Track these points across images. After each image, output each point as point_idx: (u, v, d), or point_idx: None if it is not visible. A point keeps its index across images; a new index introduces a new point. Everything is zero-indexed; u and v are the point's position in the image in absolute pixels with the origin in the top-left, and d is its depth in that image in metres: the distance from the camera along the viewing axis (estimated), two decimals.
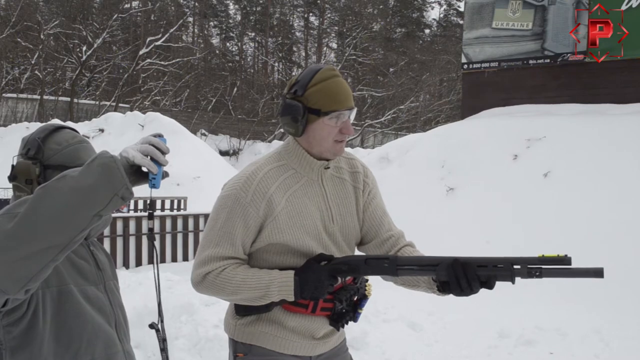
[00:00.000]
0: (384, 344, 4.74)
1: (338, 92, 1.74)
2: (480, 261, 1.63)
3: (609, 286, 5.69)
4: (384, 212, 1.97)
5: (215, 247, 1.73)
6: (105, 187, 1.23)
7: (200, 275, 1.73)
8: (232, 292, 1.71)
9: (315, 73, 1.75)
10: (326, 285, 1.71)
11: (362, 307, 1.86)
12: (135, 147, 1.31)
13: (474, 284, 1.61)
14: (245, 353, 1.84)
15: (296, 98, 1.74)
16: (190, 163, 14.22)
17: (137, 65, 26.89)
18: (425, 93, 32.44)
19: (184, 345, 4.44)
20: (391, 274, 1.72)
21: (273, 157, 1.83)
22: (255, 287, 1.70)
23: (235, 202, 1.72)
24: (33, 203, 1.24)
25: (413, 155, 9.83)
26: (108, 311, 1.61)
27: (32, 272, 1.24)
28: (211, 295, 1.76)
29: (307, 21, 35.68)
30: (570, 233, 6.49)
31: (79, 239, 1.27)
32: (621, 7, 9.99)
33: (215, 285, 1.72)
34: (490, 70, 11.67)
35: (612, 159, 7.62)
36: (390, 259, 1.72)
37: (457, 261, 1.62)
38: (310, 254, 1.76)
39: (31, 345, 1.45)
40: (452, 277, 1.62)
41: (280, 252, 1.77)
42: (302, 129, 1.74)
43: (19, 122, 20.43)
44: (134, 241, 8.58)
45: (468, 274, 1.61)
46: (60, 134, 1.64)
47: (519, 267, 1.60)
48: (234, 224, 1.72)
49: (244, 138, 27.51)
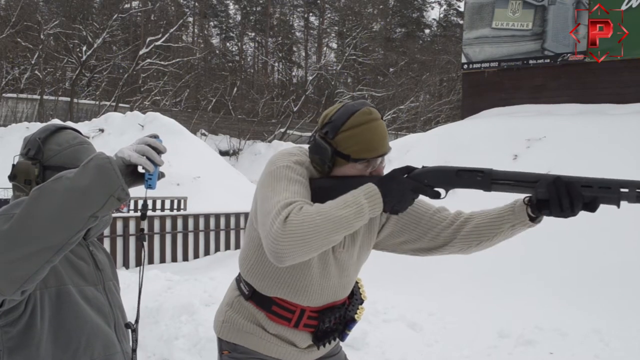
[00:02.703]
0: (384, 344, 4.74)
1: (371, 140, 1.64)
2: (585, 181, 1.52)
3: (609, 286, 5.69)
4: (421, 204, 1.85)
5: (278, 196, 1.55)
6: (100, 188, 1.23)
7: (279, 225, 1.46)
8: (325, 220, 1.47)
9: (349, 116, 1.65)
10: (409, 199, 1.60)
11: (350, 329, 1.82)
12: (132, 147, 1.31)
13: (577, 203, 1.51)
14: (230, 350, 1.84)
15: (326, 139, 1.66)
16: (190, 163, 14.22)
17: (137, 65, 26.89)
18: (425, 93, 32.46)
19: (184, 345, 4.43)
20: (484, 188, 1.61)
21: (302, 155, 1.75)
22: (344, 205, 1.51)
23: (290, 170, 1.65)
24: (29, 204, 1.24)
25: (413, 155, 9.82)
26: (107, 312, 1.60)
27: (29, 273, 1.24)
28: (301, 242, 1.46)
29: (307, 21, 35.69)
30: (570, 233, 6.49)
31: (75, 239, 1.26)
32: (621, 7, 9.99)
33: (302, 224, 1.46)
34: (490, 70, 11.67)
35: (612, 159, 7.61)
36: (485, 172, 1.61)
37: (559, 179, 1.52)
38: (309, 265, 1.73)
39: (29, 346, 1.45)
40: (553, 194, 1.52)
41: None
42: (329, 170, 1.68)
43: (19, 122, 20.43)
44: (134, 241, 8.58)
45: (572, 192, 1.51)
46: (61, 134, 1.63)
47: (626, 191, 1.49)
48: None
49: (244, 138, 27.50)
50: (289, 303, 1.77)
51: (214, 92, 29.43)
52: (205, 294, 5.23)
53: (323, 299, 1.78)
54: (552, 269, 6.16)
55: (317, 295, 1.77)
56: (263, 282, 1.78)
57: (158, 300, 5.19)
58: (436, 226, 1.79)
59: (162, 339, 4.56)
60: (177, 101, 29.95)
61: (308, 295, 1.76)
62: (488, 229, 1.72)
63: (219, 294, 5.23)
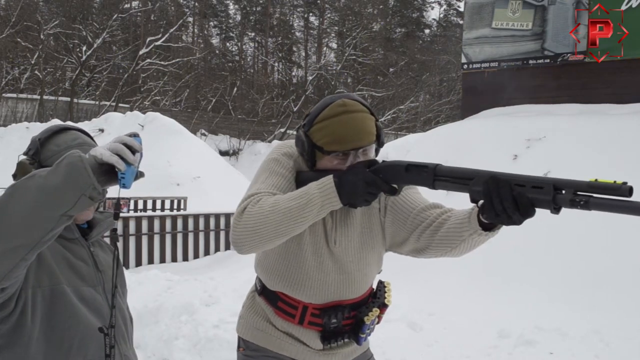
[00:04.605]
0: (384, 344, 4.73)
1: (341, 132, 1.62)
2: (519, 179, 1.32)
3: (609, 286, 5.69)
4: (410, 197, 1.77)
5: (252, 188, 1.67)
6: (71, 187, 1.22)
7: (237, 216, 1.57)
8: (274, 211, 1.52)
9: (323, 108, 1.67)
10: (362, 192, 1.54)
11: (363, 332, 1.78)
12: (106, 145, 1.29)
13: (507, 205, 1.31)
14: (244, 348, 1.86)
15: (304, 131, 1.69)
16: (190, 163, 14.23)
17: (137, 65, 26.88)
18: (425, 93, 32.44)
19: (184, 345, 4.43)
20: (428, 185, 1.51)
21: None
22: (296, 197, 1.54)
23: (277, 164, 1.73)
24: (2, 201, 1.23)
25: (413, 155, 9.81)
26: (105, 313, 1.59)
27: (4, 271, 1.25)
28: (252, 232, 1.53)
29: (307, 21, 35.66)
30: (570, 233, 6.48)
31: (49, 238, 1.26)
32: (621, 7, 9.98)
33: (254, 215, 1.53)
34: (490, 70, 11.67)
35: (612, 159, 7.61)
36: (429, 168, 1.51)
37: (493, 177, 1.34)
38: (303, 258, 1.74)
39: (18, 345, 1.44)
40: (486, 195, 1.35)
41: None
42: (310, 163, 1.70)
43: (19, 122, 20.41)
44: (134, 241, 8.58)
45: (502, 192, 1.31)
46: (63, 135, 1.62)
47: (562, 193, 1.27)
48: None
49: (244, 138, 27.50)
50: (291, 298, 1.78)
51: (213, 92, 29.42)
52: (205, 294, 5.23)
53: (325, 296, 1.77)
54: (552, 269, 6.16)
55: (317, 291, 1.76)
56: (268, 276, 1.81)
57: (158, 300, 5.19)
58: (418, 226, 1.71)
59: (162, 339, 4.56)
60: (177, 101, 29.93)
61: (307, 290, 1.76)
62: (454, 236, 1.61)
63: (219, 294, 5.23)
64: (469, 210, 1.58)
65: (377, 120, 1.70)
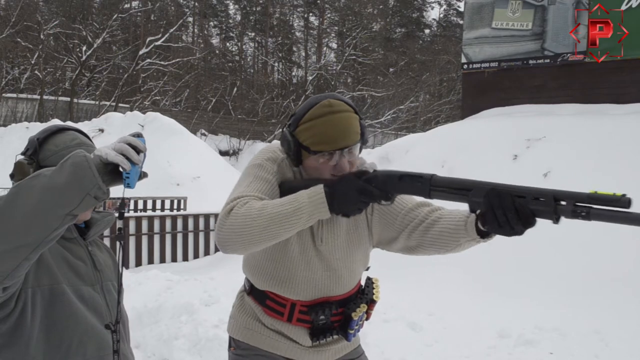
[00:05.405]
0: (384, 344, 4.73)
1: (327, 133, 1.64)
2: (519, 190, 1.37)
3: (609, 286, 5.69)
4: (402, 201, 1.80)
5: (236, 191, 1.67)
6: (76, 186, 1.21)
7: (223, 216, 1.57)
8: (261, 215, 1.52)
9: (309, 108, 1.68)
10: (355, 201, 1.56)
11: (352, 328, 1.79)
12: (111, 145, 1.29)
13: (511, 217, 1.35)
14: (235, 347, 1.88)
15: (290, 131, 1.69)
16: (190, 163, 14.24)
17: (137, 65, 26.89)
18: (425, 93, 32.43)
19: (184, 345, 4.43)
20: (424, 195, 1.54)
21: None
22: (283, 203, 1.55)
23: (261, 169, 1.73)
24: (7, 201, 1.23)
25: (413, 155, 9.82)
26: (104, 312, 1.60)
27: (7, 270, 1.25)
28: (238, 234, 1.54)
29: (307, 21, 35.66)
30: (569, 233, 6.48)
31: (53, 238, 1.26)
32: (621, 7, 9.99)
33: (240, 217, 1.53)
34: (490, 70, 11.67)
35: (612, 159, 7.61)
36: (425, 178, 1.53)
37: (494, 189, 1.38)
38: (290, 257, 1.75)
39: (18, 344, 1.45)
40: (488, 207, 1.38)
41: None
42: (296, 162, 1.71)
43: (19, 122, 20.42)
44: (134, 241, 8.58)
45: (504, 203, 1.35)
46: (61, 135, 1.62)
47: (563, 204, 1.31)
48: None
49: (244, 138, 27.50)
50: (279, 296, 1.79)
51: (213, 92, 29.41)
52: (205, 294, 5.23)
53: (312, 292, 1.78)
54: (552, 269, 6.16)
55: (304, 288, 1.77)
56: (255, 275, 1.83)
57: (158, 300, 5.19)
58: (408, 225, 1.75)
59: (162, 339, 4.56)
60: (177, 101, 29.93)
61: (294, 288, 1.77)
62: (450, 239, 1.66)
63: (219, 294, 5.23)
64: (463, 215, 1.63)
65: (361, 119, 1.72)
